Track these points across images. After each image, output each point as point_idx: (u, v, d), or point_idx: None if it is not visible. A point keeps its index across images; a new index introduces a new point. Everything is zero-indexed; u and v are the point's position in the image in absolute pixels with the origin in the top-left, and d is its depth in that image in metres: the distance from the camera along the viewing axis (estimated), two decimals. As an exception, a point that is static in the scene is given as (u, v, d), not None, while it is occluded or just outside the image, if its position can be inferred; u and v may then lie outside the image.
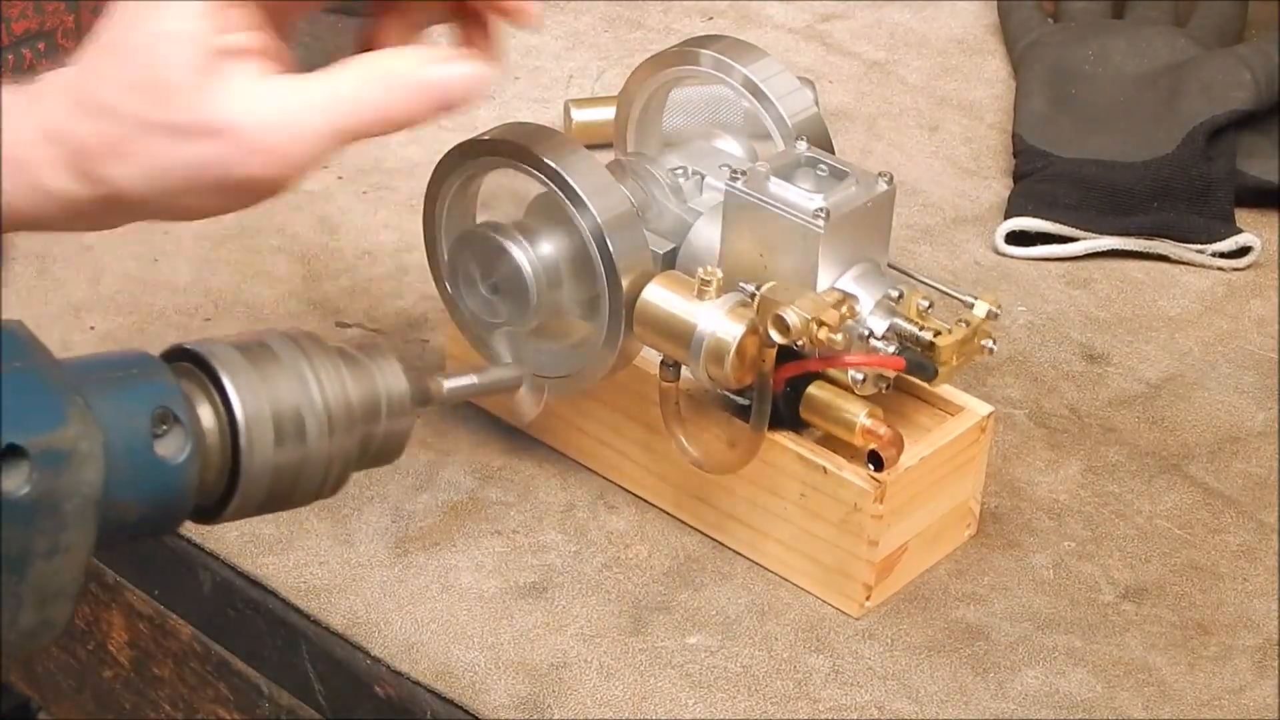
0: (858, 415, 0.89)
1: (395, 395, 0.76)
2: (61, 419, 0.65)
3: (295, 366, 0.73)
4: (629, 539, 0.96)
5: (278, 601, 0.93)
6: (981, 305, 0.91)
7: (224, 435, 0.71)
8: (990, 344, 0.91)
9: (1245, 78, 1.23)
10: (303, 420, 0.73)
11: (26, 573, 0.65)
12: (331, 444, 0.73)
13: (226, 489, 0.72)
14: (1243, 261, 1.17)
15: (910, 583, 0.94)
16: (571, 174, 0.89)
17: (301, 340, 0.75)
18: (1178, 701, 0.89)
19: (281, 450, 0.72)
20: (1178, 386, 1.07)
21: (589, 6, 1.38)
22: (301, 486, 0.74)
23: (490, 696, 0.88)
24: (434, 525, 0.96)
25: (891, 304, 0.90)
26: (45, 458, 0.64)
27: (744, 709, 0.88)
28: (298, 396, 0.73)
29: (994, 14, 1.38)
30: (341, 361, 0.75)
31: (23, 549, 0.64)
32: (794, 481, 0.92)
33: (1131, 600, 0.94)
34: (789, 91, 0.97)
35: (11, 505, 0.64)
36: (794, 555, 0.93)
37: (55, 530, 0.65)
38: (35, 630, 0.66)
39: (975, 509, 0.96)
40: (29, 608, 0.65)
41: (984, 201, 1.21)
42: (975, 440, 0.94)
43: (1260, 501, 1.00)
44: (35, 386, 0.66)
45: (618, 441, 0.97)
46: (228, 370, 0.72)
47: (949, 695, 0.89)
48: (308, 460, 0.73)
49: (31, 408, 0.65)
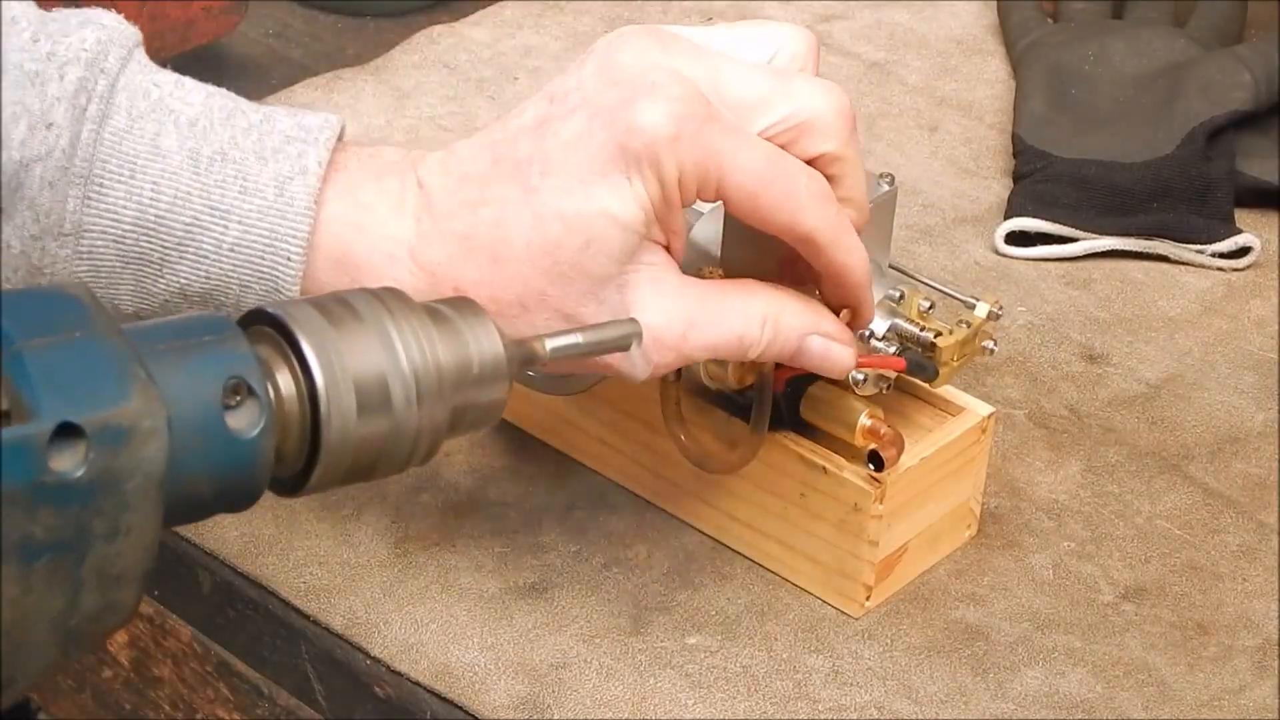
0: (858, 415, 0.89)
1: (489, 358, 0.72)
2: (123, 394, 0.61)
3: (380, 329, 0.69)
4: (629, 539, 0.96)
5: (277, 602, 0.93)
6: (983, 306, 0.91)
7: (303, 405, 0.68)
8: (991, 345, 0.91)
9: (1245, 78, 1.23)
10: (388, 387, 0.69)
11: (86, 556, 0.62)
12: (420, 413, 0.70)
13: (307, 461, 0.69)
14: (1242, 262, 1.17)
15: (910, 583, 0.94)
16: None
17: (387, 299, 0.71)
18: (1177, 702, 0.89)
19: (365, 420, 0.68)
20: (1177, 387, 1.07)
21: (589, 7, 1.38)
22: (388, 457, 0.70)
23: (490, 696, 0.88)
24: (433, 525, 0.96)
25: (892, 305, 0.90)
26: (103, 436, 0.61)
27: (743, 709, 0.88)
28: (382, 362, 0.69)
29: (993, 14, 1.38)
30: (431, 322, 0.71)
31: (80, 531, 0.61)
32: (794, 482, 0.92)
33: (1131, 600, 0.94)
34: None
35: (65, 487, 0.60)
36: (794, 555, 0.93)
37: (116, 512, 0.62)
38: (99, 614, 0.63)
39: (976, 510, 0.96)
40: (90, 591, 0.62)
41: (983, 202, 1.21)
42: (976, 441, 0.94)
43: (1260, 502, 1.00)
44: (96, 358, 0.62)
45: (619, 441, 0.97)
46: (307, 334, 0.68)
47: (948, 695, 0.89)
48: (394, 430, 0.69)
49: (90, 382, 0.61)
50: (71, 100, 0.78)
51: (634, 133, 0.78)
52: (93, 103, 0.79)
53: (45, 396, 0.60)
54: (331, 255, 0.81)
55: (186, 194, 0.80)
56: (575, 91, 0.80)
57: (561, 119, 0.79)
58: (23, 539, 0.60)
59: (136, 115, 0.80)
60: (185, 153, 0.80)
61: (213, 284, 0.81)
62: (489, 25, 1.35)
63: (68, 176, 0.78)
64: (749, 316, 0.82)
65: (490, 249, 0.80)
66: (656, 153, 0.78)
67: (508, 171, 0.80)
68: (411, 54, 1.31)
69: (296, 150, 0.81)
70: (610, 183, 0.78)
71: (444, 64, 1.30)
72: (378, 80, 1.28)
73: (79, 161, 0.79)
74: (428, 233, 0.81)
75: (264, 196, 0.80)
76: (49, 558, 0.61)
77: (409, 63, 1.30)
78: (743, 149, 0.79)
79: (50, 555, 0.61)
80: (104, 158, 0.79)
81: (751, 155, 0.79)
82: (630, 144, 0.78)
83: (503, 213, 0.79)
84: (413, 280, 0.80)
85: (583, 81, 0.80)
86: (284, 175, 0.81)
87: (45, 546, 0.61)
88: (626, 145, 0.78)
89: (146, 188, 0.79)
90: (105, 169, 0.79)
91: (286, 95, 1.26)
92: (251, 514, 0.95)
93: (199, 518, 0.67)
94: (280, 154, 0.81)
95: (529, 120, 0.81)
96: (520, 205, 0.79)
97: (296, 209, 0.80)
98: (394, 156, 0.83)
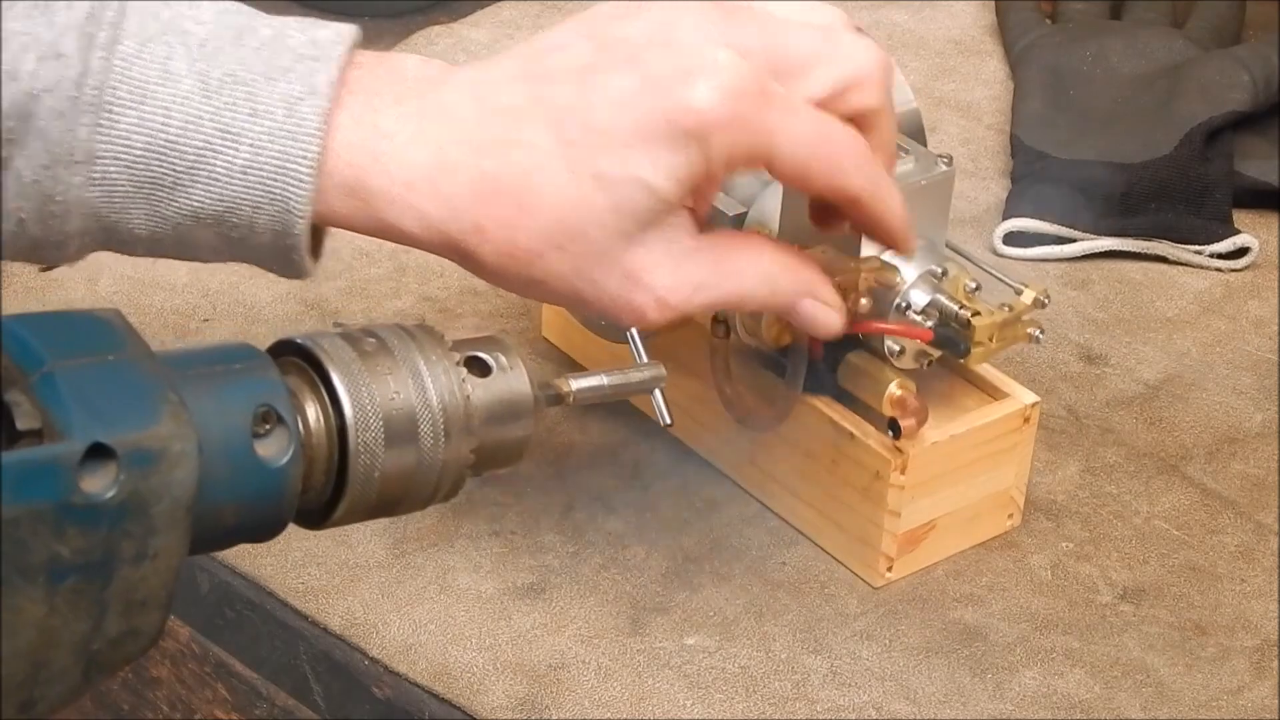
0: (888, 385, 0.91)
1: (517, 398, 0.72)
2: (154, 417, 0.61)
3: (410, 364, 0.69)
4: (627, 540, 0.96)
5: (276, 602, 0.93)
6: (1029, 293, 0.91)
7: (331, 437, 0.68)
8: (1037, 333, 0.91)
9: (1243, 79, 1.23)
10: (416, 423, 0.69)
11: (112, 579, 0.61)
12: (447, 449, 0.70)
13: (334, 493, 0.68)
14: (1240, 262, 1.17)
15: (920, 572, 0.94)
16: None
17: (418, 335, 0.71)
18: (1175, 702, 0.89)
19: (393, 454, 0.68)
20: (1176, 387, 1.07)
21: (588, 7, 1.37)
22: (413, 493, 0.70)
23: (488, 697, 0.88)
24: (432, 526, 0.96)
25: (935, 280, 0.91)
26: (134, 458, 0.60)
27: (742, 710, 0.88)
28: (412, 397, 0.69)
29: (992, 15, 1.38)
30: (460, 359, 0.71)
31: (107, 553, 0.61)
32: (826, 446, 0.93)
33: (1129, 601, 0.94)
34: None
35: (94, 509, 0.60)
36: (823, 520, 0.95)
37: (143, 535, 0.61)
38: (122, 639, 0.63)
39: (1019, 499, 0.96)
40: (114, 615, 0.62)
41: (982, 202, 1.21)
42: (1017, 428, 0.94)
43: (1258, 502, 1.00)
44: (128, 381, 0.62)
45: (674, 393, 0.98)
46: (337, 367, 0.68)
47: (947, 696, 0.89)
48: (420, 466, 0.69)
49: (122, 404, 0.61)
50: (81, 28, 0.77)
51: (688, 111, 0.77)
52: (102, 29, 0.78)
53: (77, 416, 0.60)
54: (346, 183, 0.79)
55: (197, 118, 0.79)
56: (624, 44, 0.79)
57: (609, 72, 0.78)
58: (49, 559, 0.60)
59: (146, 38, 0.78)
60: (195, 75, 0.79)
61: (225, 206, 0.79)
62: (487, 26, 1.34)
63: (78, 105, 0.77)
64: (750, 278, 0.83)
65: (517, 194, 0.79)
66: (707, 134, 0.77)
67: (545, 115, 0.78)
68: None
69: (307, 69, 0.79)
70: (652, 153, 0.78)
71: (442, 64, 1.29)
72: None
73: (89, 90, 0.77)
74: (453, 164, 0.79)
75: (274, 118, 0.79)
76: (75, 579, 0.61)
77: (407, 63, 1.30)
78: (791, 124, 0.79)
79: (76, 577, 0.61)
80: (114, 84, 0.78)
81: (800, 129, 0.79)
82: (682, 121, 0.77)
83: (536, 160, 0.78)
84: (433, 209, 0.79)
85: (634, 34, 0.79)
86: (294, 96, 0.79)
87: (71, 568, 0.61)
88: (677, 121, 0.77)
89: (158, 113, 0.78)
90: (115, 96, 0.78)
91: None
92: (250, 514, 0.96)
93: (223, 546, 0.67)
94: (290, 73, 0.79)
95: (571, 61, 0.79)
96: (555, 156, 0.78)
97: (306, 130, 0.79)
98: (415, 71, 0.82)
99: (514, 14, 1.36)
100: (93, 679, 0.63)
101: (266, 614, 0.93)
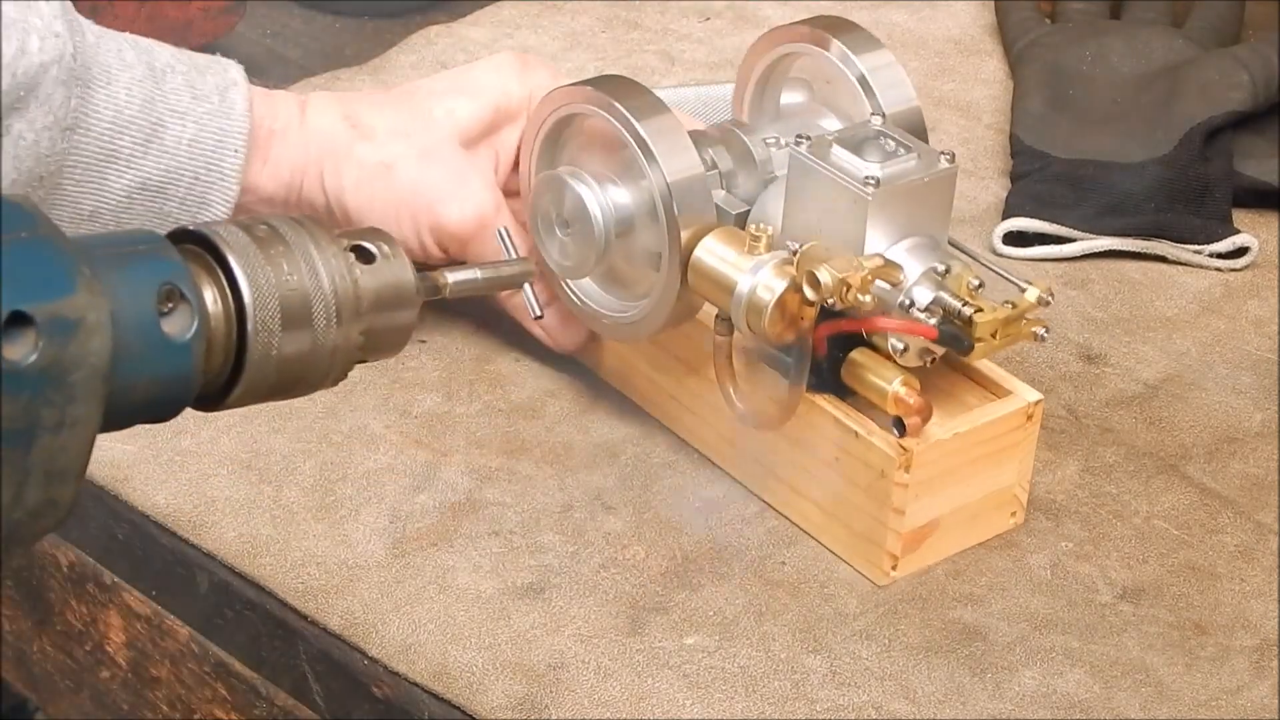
0: (891, 382, 0.91)
1: (402, 285, 0.75)
2: (70, 287, 0.63)
3: (303, 249, 0.72)
4: (626, 540, 0.96)
5: (275, 602, 0.93)
6: (1033, 291, 0.91)
7: (229, 319, 0.70)
8: (1042, 331, 0.91)
9: (1242, 79, 1.23)
10: (310, 306, 0.71)
11: (32, 447, 0.63)
12: (339, 332, 0.72)
13: (231, 375, 0.70)
14: (1240, 262, 1.17)
15: (920, 572, 0.94)
16: (649, 131, 0.93)
17: (306, 224, 0.73)
18: (1175, 702, 0.89)
19: (289, 336, 0.71)
20: (1175, 387, 1.07)
21: (586, 7, 1.38)
22: (306, 375, 0.72)
23: (487, 697, 0.88)
24: (431, 526, 0.96)
25: (937, 277, 0.91)
26: (52, 326, 0.63)
27: (741, 709, 0.88)
28: (305, 281, 0.71)
29: (991, 15, 1.38)
30: (347, 245, 0.74)
31: (29, 422, 0.63)
32: (829, 444, 0.93)
33: (1129, 601, 0.94)
34: (894, 84, 1.00)
35: (17, 375, 0.62)
36: (826, 518, 0.95)
37: (62, 403, 0.63)
38: (40, 509, 0.64)
39: (1022, 497, 0.97)
40: (34, 485, 0.64)
41: (981, 202, 1.21)
42: (1020, 426, 0.94)
43: (1258, 502, 1.00)
44: (43, 255, 0.64)
45: (675, 390, 1.00)
46: (234, 251, 0.70)
47: (946, 696, 0.89)
48: (315, 347, 0.72)
49: (39, 275, 0.63)
50: (62, 14, 0.90)
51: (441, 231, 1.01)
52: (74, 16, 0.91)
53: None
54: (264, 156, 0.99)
55: (151, 98, 0.95)
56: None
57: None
58: None
59: (99, 33, 0.94)
60: (144, 64, 0.95)
61: (170, 175, 0.95)
62: (487, 25, 1.35)
63: (72, 76, 0.91)
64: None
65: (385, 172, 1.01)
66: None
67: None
68: (409, 54, 1.31)
69: (221, 66, 0.98)
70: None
71: (441, 64, 1.30)
72: (375, 80, 1.28)
73: (79, 65, 0.91)
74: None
75: (211, 101, 0.96)
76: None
77: (406, 63, 1.30)
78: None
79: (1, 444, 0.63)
80: (87, 64, 0.92)
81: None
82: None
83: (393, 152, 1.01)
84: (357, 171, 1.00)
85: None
86: (222, 85, 0.97)
87: None
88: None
89: (121, 92, 0.93)
90: (89, 74, 0.92)
91: (284, 96, 1.26)
92: (249, 515, 0.96)
93: (127, 424, 0.69)
94: (209, 69, 0.98)
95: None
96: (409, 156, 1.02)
97: (238, 111, 0.97)
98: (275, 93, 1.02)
99: (513, 13, 1.36)
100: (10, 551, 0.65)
101: (266, 614, 0.93)
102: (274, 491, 0.97)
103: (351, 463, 0.99)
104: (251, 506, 0.97)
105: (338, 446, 1.00)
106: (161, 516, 0.96)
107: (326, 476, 0.98)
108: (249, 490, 0.97)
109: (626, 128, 0.94)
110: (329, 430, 1.01)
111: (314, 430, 1.01)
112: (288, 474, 0.98)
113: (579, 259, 0.97)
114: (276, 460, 0.99)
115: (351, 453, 1.00)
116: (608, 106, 0.95)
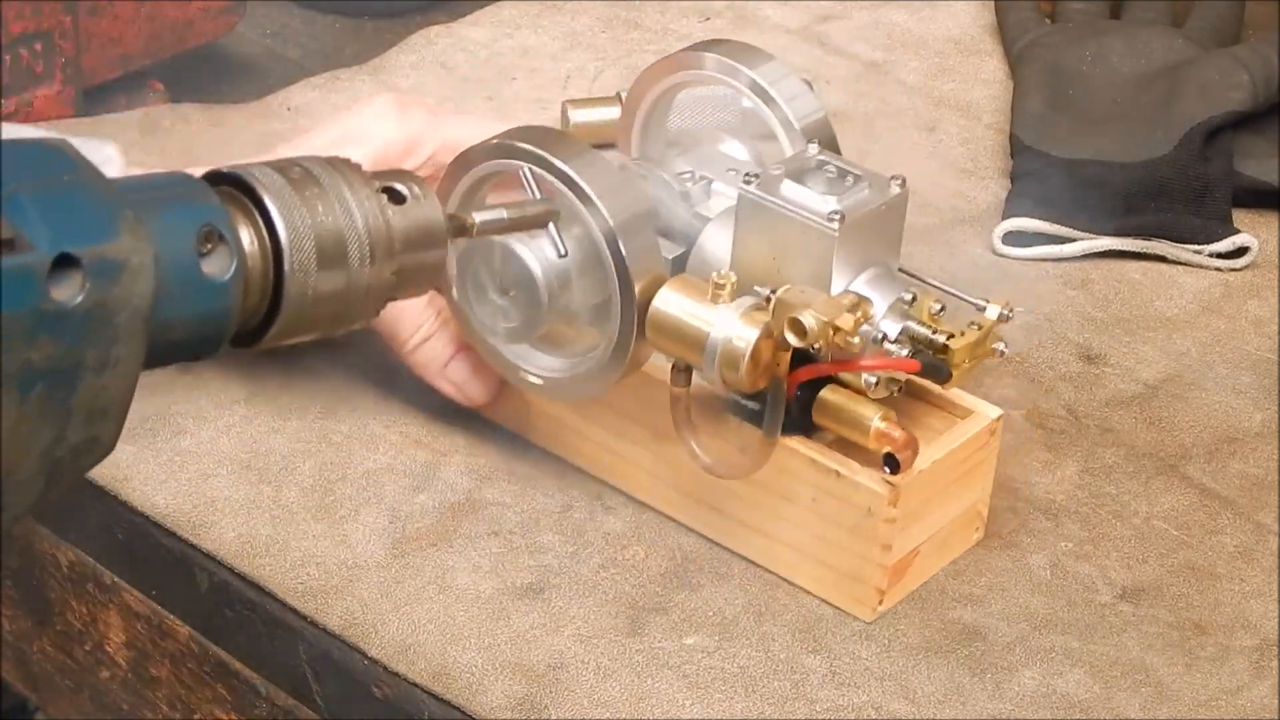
0: (871, 418, 0.89)
1: (431, 223, 0.77)
2: (115, 231, 0.65)
3: (336, 190, 0.73)
4: (626, 540, 0.96)
5: (275, 602, 0.93)
6: (993, 308, 0.90)
7: (266, 257, 0.71)
8: (1001, 346, 0.91)
9: (1242, 78, 1.23)
10: (345, 245, 0.73)
11: (77, 386, 0.64)
12: (372, 270, 0.74)
13: (268, 313, 0.72)
14: (1240, 262, 1.17)
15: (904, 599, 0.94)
16: (583, 175, 0.88)
17: (339, 165, 0.75)
18: (1175, 702, 0.89)
19: (324, 275, 0.72)
20: (1175, 387, 1.07)
21: (586, 7, 1.38)
22: (340, 314, 0.74)
23: (487, 697, 0.88)
24: (431, 526, 0.96)
25: (905, 307, 0.90)
26: (98, 268, 0.64)
27: (741, 709, 0.88)
28: (340, 222, 0.73)
29: (991, 14, 1.38)
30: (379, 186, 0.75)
31: (74, 361, 0.64)
32: (805, 486, 0.91)
33: (1129, 601, 0.94)
34: (796, 94, 0.97)
35: (63, 315, 0.63)
36: (805, 560, 0.93)
37: (107, 344, 0.65)
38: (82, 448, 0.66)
39: (984, 512, 0.96)
40: (77, 423, 0.65)
41: (981, 202, 1.21)
42: (985, 444, 0.94)
43: (1257, 502, 1.00)
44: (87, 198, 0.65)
45: (622, 446, 0.97)
46: (271, 193, 0.72)
47: (946, 696, 0.89)
48: (349, 286, 0.73)
49: (84, 218, 0.64)
50: None
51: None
52: None
53: (45, 229, 0.64)
54: None
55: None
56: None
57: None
58: (21, 367, 0.63)
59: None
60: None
61: None
62: (486, 25, 1.34)
63: None
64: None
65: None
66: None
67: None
68: (409, 54, 1.31)
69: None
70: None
71: (441, 64, 1.30)
72: (375, 80, 1.28)
73: None
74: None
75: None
76: (43, 386, 0.64)
77: (406, 63, 1.30)
78: None
79: (45, 384, 0.64)
80: None
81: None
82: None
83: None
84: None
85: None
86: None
87: (41, 375, 0.64)
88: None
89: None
90: None
91: (284, 95, 1.26)
92: (249, 515, 0.96)
93: (167, 362, 0.70)
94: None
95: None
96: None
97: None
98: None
99: (513, 13, 1.36)
100: (53, 488, 0.66)
101: (266, 614, 0.93)
102: (273, 491, 0.97)
103: (351, 463, 0.99)
104: (251, 506, 0.96)
105: (337, 446, 1.00)
106: (161, 516, 0.96)
107: (326, 476, 0.98)
108: (248, 490, 0.97)
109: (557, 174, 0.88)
110: (329, 430, 1.01)
111: (314, 430, 1.01)
112: (287, 474, 0.98)
113: (524, 323, 0.91)
114: (276, 460, 0.99)
115: (351, 453, 1.00)
116: (534, 158, 0.89)
